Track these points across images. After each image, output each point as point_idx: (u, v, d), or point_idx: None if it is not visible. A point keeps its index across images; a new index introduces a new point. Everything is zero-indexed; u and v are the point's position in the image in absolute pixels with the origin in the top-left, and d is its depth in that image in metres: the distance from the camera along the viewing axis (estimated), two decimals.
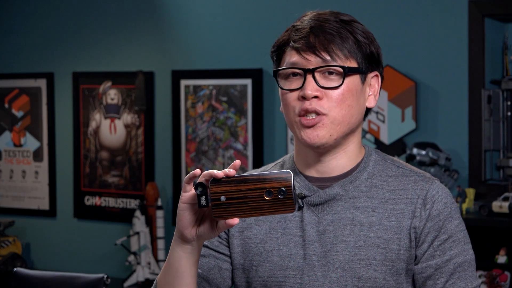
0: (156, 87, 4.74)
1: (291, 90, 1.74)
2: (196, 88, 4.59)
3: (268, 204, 1.53)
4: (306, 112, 1.72)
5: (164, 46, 4.71)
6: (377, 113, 4.13)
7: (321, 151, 1.77)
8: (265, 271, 1.78)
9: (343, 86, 1.73)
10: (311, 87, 1.71)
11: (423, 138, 4.02)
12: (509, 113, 3.96)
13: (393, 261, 1.74)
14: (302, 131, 1.74)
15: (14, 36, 5.16)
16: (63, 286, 3.00)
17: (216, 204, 1.54)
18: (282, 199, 1.53)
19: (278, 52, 1.79)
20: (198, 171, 1.60)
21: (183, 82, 4.63)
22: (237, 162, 1.58)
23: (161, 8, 4.71)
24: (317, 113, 1.72)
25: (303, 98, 1.72)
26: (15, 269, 3.11)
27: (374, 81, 1.80)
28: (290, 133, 4.33)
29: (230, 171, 1.55)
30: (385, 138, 4.12)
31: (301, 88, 1.73)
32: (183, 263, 1.67)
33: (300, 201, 1.78)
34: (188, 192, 1.61)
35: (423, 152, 3.87)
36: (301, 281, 1.75)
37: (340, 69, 1.72)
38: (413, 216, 1.75)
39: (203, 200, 1.56)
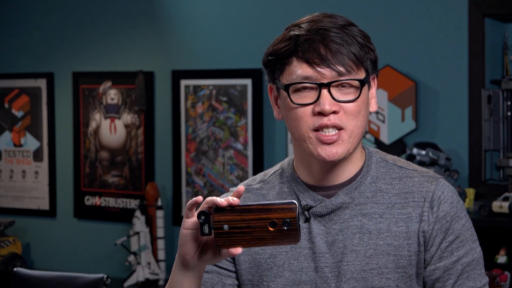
0: (156, 87, 4.74)
1: (304, 105, 1.68)
2: (196, 88, 4.59)
3: (272, 235, 1.50)
4: (325, 127, 1.66)
5: (164, 46, 4.71)
6: (377, 113, 4.13)
7: (333, 164, 1.72)
8: (278, 286, 1.74)
9: (359, 98, 1.68)
10: (328, 102, 1.65)
11: (423, 138, 4.02)
12: (509, 113, 3.96)
13: (404, 268, 1.71)
14: (319, 147, 1.67)
15: (14, 36, 5.16)
16: (63, 286, 3.00)
17: (219, 232, 1.51)
18: (287, 231, 1.49)
19: (280, 62, 1.71)
20: (200, 198, 1.55)
21: (183, 82, 4.62)
22: (241, 188, 1.55)
23: (161, 8, 4.71)
24: (336, 128, 1.66)
25: (319, 113, 1.66)
26: (15, 269, 3.11)
27: (372, 83, 1.75)
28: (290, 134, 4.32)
29: (233, 199, 1.51)
30: (385, 138, 4.12)
31: (315, 102, 1.66)
32: (186, 287, 1.65)
33: (306, 212, 1.74)
34: (191, 218, 1.57)
35: (423, 152, 3.86)
36: None
37: (357, 82, 1.67)
38: (421, 220, 1.72)
39: (206, 229, 1.52)
